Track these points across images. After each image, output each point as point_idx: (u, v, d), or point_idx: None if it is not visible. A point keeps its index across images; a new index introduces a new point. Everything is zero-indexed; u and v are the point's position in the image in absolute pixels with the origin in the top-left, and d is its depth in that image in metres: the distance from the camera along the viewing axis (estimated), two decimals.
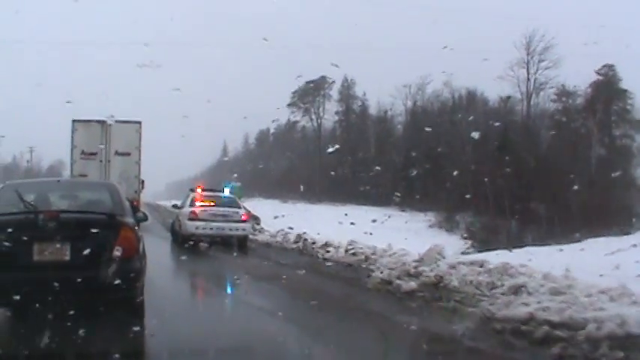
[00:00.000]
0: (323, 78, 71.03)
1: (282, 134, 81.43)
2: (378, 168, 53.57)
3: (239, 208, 17.04)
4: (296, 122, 75.80)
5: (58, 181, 8.33)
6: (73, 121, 19.48)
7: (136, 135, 19.86)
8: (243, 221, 16.59)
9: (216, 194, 18.09)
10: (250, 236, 17.38)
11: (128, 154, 19.63)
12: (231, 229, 16.13)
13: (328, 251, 13.34)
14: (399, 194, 47.45)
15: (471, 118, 49.59)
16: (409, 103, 57.52)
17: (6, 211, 5.56)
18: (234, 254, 14.56)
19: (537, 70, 48.71)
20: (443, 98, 54.32)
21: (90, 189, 7.43)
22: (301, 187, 59.22)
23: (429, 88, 57.08)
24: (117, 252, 5.32)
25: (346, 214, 36.61)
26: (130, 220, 5.90)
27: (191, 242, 15.37)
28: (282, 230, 19.05)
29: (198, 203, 16.58)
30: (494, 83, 51.21)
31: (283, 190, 63.60)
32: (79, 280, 5.09)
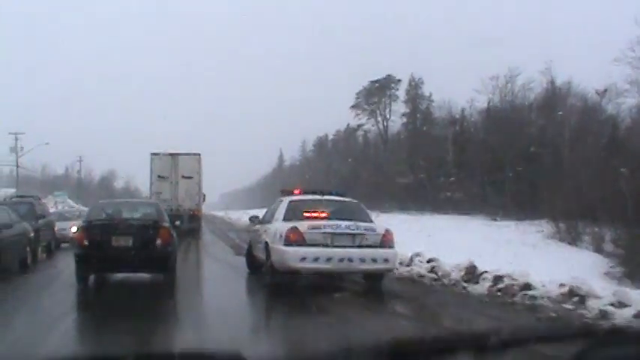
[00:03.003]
0: (389, 77, 65.28)
1: (342, 140, 75.60)
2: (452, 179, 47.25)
3: (371, 221, 10.49)
4: (361, 125, 69.72)
5: (127, 201, 16.03)
6: (152, 154, 26.11)
7: (197, 163, 26.29)
8: (385, 245, 9.72)
9: (328, 199, 11.07)
10: None
11: (191, 177, 25.84)
12: (364, 260, 9.41)
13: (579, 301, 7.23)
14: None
15: (560, 112, 42.81)
16: (497, 98, 48.86)
17: (98, 218, 10.65)
18: (383, 313, 8.19)
19: None
20: (534, 92, 46.37)
21: (144, 206, 12.96)
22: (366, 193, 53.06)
23: (519, 80, 48.06)
24: (158, 241, 9.80)
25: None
26: (166, 224, 10.45)
27: (286, 282, 9.92)
28: (418, 255, 13.05)
29: (301, 215, 10.05)
30: (601, 71, 44.31)
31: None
32: (137, 256, 9.67)
